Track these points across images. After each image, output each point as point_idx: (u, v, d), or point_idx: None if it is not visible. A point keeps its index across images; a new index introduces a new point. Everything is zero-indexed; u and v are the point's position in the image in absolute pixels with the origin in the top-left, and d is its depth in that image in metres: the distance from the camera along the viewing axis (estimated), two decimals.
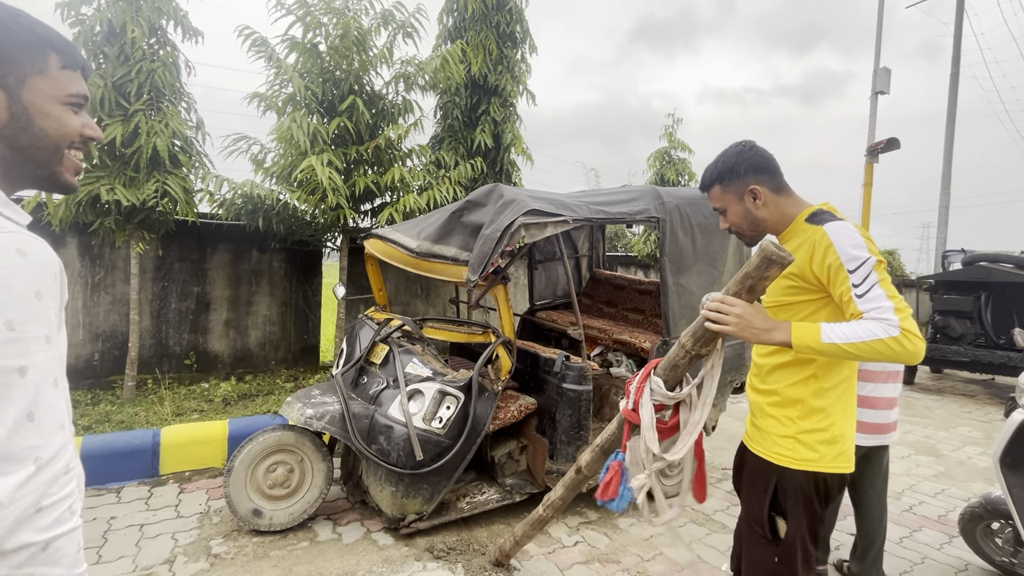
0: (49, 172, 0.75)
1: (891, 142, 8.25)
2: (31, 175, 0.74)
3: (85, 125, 0.78)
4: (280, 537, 2.70)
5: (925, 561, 2.81)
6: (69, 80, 0.75)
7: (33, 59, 0.70)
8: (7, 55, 0.68)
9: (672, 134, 9.43)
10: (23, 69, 0.69)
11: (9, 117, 0.69)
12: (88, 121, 0.79)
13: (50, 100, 0.72)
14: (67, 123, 0.74)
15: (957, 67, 11.13)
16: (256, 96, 4.71)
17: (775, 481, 1.46)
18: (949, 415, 6.11)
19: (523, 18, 6.28)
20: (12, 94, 0.69)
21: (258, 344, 5.59)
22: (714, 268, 3.43)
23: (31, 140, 0.71)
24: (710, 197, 1.55)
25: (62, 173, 0.76)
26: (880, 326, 1.21)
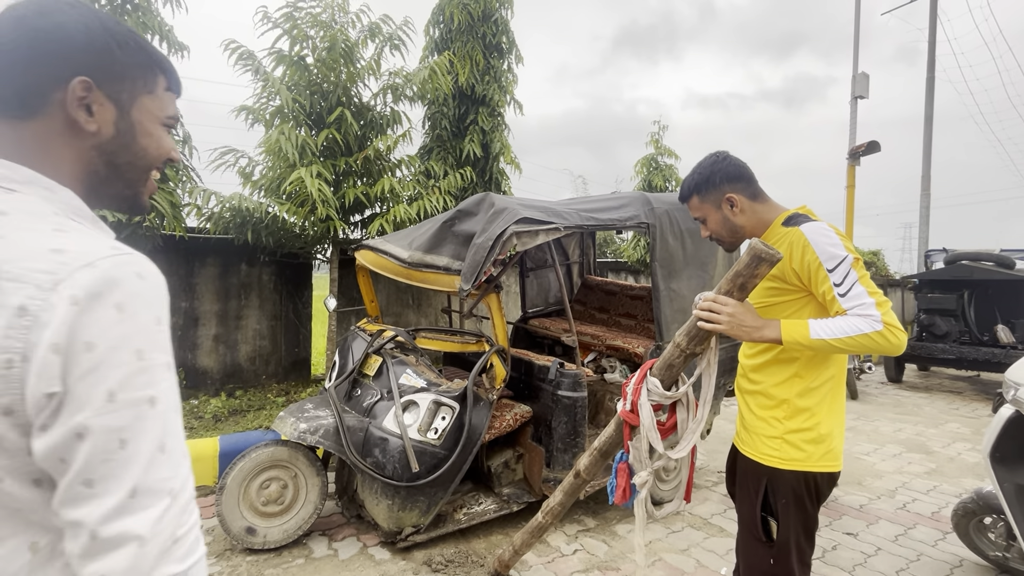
0: (134, 192, 0.74)
1: (872, 145, 8.41)
2: (117, 193, 0.73)
3: (172, 147, 0.78)
4: (275, 555, 2.66)
5: (920, 558, 2.83)
6: (170, 102, 0.76)
7: (146, 78, 0.71)
8: (125, 72, 0.68)
9: (658, 140, 9.55)
10: (136, 87, 0.70)
11: (115, 133, 0.68)
12: (174, 144, 0.80)
13: (153, 120, 0.73)
14: (164, 144, 0.75)
15: (932, 71, 11.41)
16: (244, 109, 4.69)
17: (765, 482, 1.48)
18: (938, 412, 6.19)
19: (509, 29, 6.35)
20: (123, 110, 0.68)
21: (248, 359, 5.52)
22: (704, 272, 3.47)
23: (130, 158, 0.71)
24: (690, 207, 1.61)
25: (143, 194, 0.76)
26: (864, 321, 1.26)
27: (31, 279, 0.53)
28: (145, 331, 0.58)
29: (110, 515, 0.53)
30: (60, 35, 0.61)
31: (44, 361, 0.52)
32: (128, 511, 0.54)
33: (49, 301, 0.52)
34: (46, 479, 0.56)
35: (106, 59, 0.65)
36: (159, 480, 0.57)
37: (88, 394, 0.53)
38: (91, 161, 0.67)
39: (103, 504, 0.53)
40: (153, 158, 0.74)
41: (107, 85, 0.66)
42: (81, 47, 0.63)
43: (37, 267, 0.53)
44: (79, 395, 0.53)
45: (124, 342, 0.55)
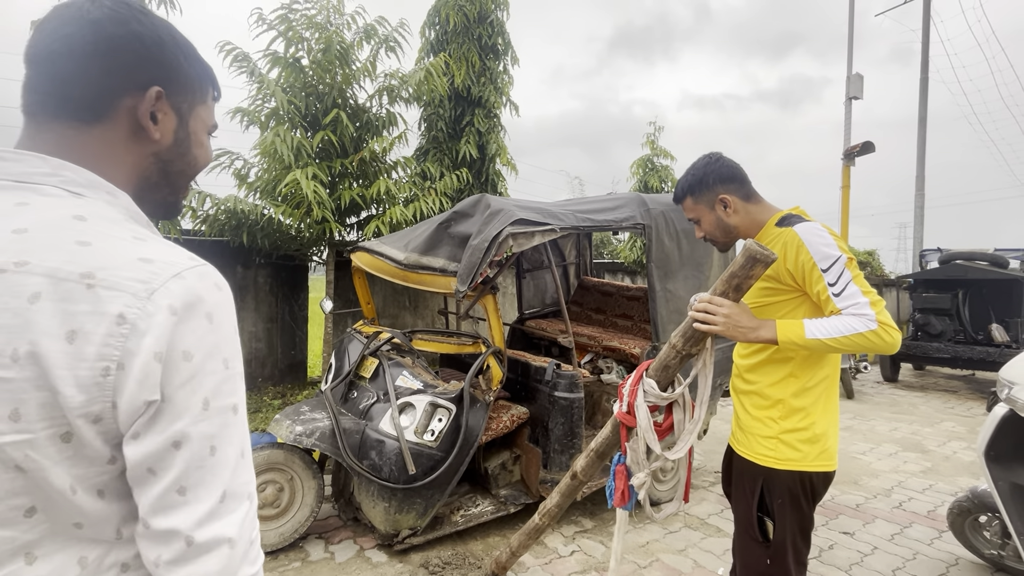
0: (176, 198, 0.75)
1: (866, 145, 8.46)
2: (162, 199, 0.73)
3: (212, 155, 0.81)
4: (271, 558, 2.64)
5: (917, 557, 2.84)
6: (213, 112, 0.77)
7: (202, 89, 0.72)
8: (189, 83, 0.69)
9: (654, 142, 9.57)
10: (195, 98, 0.71)
11: (174, 141, 0.69)
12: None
13: (204, 129, 0.74)
14: (209, 153, 0.77)
15: (926, 72, 11.48)
16: (239, 111, 4.68)
17: (761, 482, 1.48)
18: (933, 411, 6.21)
19: (505, 30, 6.35)
20: (183, 120, 0.69)
21: (244, 361, 5.48)
22: (700, 273, 3.47)
23: (183, 166, 0.72)
24: (684, 209, 1.63)
25: (182, 200, 0.77)
26: (859, 320, 1.28)
27: (126, 287, 0.52)
28: (229, 340, 0.60)
29: (204, 520, 0.55)
30: (136, 45, 0.62)
31: (146, 369, 0.52)
32: (219, 515, 0.56)
33: (147, 310, 0.52)
34: (110, 490, 0.56)
35: (174, 70, 0.66)
36: (242, 484, 0.59)
37: (187, 402, 0.54)
38: (147, 167, 0.68)
39: (197, 510, 0.55)
40: (201, 166, 0.75)
41: (173, 95, 0.67)
42: (155, 57, 0.64)
43: (131, 276, 0.53)
44: (178, 403, 0.54)
45: (216, 351, 0.57)
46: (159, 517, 0.54)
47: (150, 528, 0.54)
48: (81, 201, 0.57)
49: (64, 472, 0.52)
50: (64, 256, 0.52)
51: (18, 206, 0.54)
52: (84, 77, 0.60)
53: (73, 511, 0.54)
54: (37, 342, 0.49)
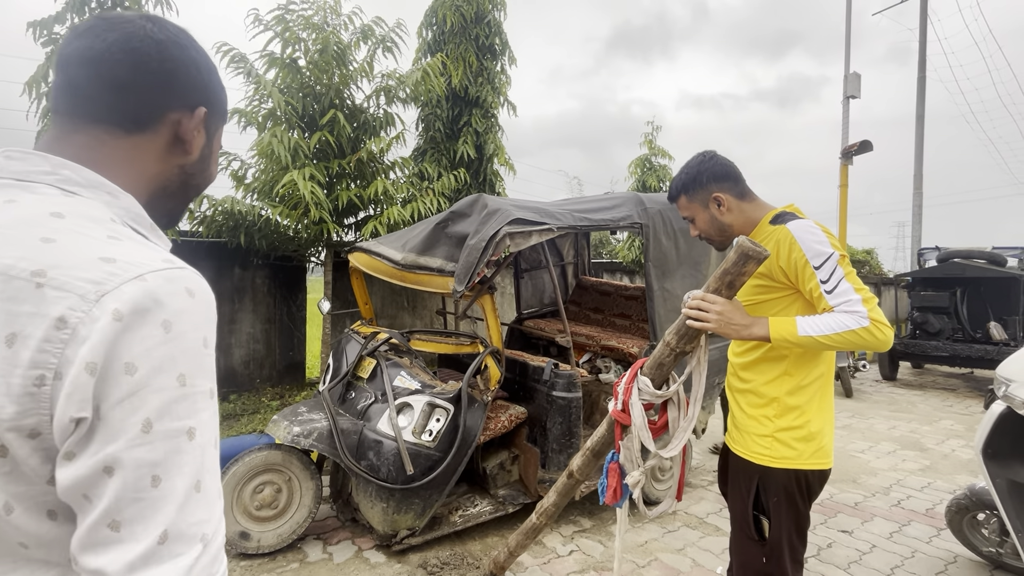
0: (184, 207, 0.79)
1: (864, 144, 8.47)
2: (171, 208, 0.75)
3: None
4: (269, 560, 2.64)
5: (915, 555, 2.84)
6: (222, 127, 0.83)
7: (223, 113, 0.77)
8: (221, 107, 0.75)
9: (652, 141, 9.58)
10: (220, 121, 0.76)
11: (199, 157, 0.73)
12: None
13: (218, 148, 0.79)
14: (217, 169, 0.81)
15: (923, 71, 11.50)
16: (236, 112, 4.68)
17: (757, 481, 1.48)
18: (932, 409, 6.22)
19: (502, 30, 6.35)
20: (209, 139, 0.74)
21: (242, 362, 5.49)
22: (698, 272, 3.47)
23: (200, 180, 0.76)
24: (678, 207, 1.63)
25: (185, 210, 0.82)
26: (851, 318, 1.28)
27: (75, 288, 0.48)
28: (191, 354, 0.53)
29: (136, 564, 0.47)
30: (192, 69, 0.67)
31: (76, 381, 0.46)
32: (156, 560, 0.48)
33: (91, 314, 0.47)
34: (62, 512, 0.51)
35: (215, 95, 0.72)
36: (192, 524, 0.51)
37: (123, 423, 0.47)
38: (171, 178, 0.70)
39: (130, 551, 0.47)
40: (211, 181, 0.79)
41: (209, 117, 0.72)
42: (205, 82, 0.70)
43: (84, 276, 0.48)
44: (112, 423, 0.47)
45: (169, 365, 0.50)
46: (87, 554, 0.47)
47: (78, 565, 0.48)
48: (70, 199, 0.55)
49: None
50: (21, 253, 0.48)
51: (5, 203, 0.52)
52: (141, 89, 0.63)
53: (11, 531, 0.50)
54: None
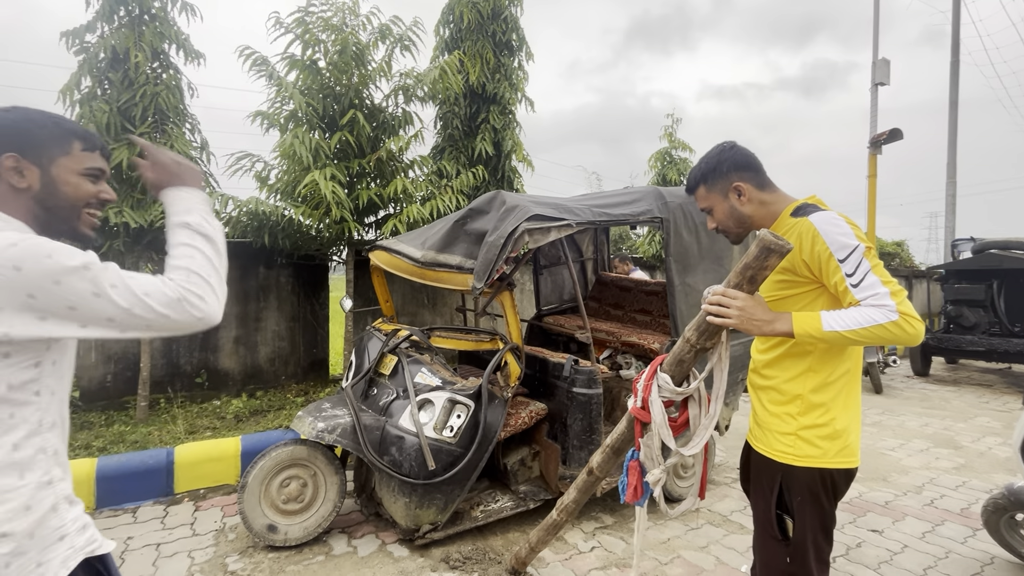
0: (69, 226, 1.03)
1: (894, 133, 8.20)
2: (56, 228, 1.01)
3: (101, 191, 1.06)
4: (295, 552, 2.70)
5: (949, 555, 2.76)
6: (88, 158, 1.04)
7: (60, 145, 1.00)
8: (41, 143, 0.99)
9: (672, 134, 9.44)
10: (52, 153, 1.00)
11: (41, 186, 0.99)
12: (104, 188, 1.07)
13: (71, 173, 1.01)
14: (84, 189, 1.03)
15: (957, 55, 11.07)
16: (259, 114, 4.76)
17: (780, 479, 1.45)
18: (967, 406, 6.02)
19: (519, 26, 6.33)
20: (44, 170, 0.99)
21: (268, 360, 5.62)
22: (720, 266, 3.42)
23: (56, 202, 1.00)
24: (696, 198, 1.59)
25: (79, 227, 1.05)
26: (879, 312, 1.23)
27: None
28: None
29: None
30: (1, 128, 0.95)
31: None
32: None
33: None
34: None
35: (24, 137, 0.97)
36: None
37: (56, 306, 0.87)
38: (31, 207, 0.99)
39: None
40: (75, 199, 1.02)
41: (30, 155, 0.97)
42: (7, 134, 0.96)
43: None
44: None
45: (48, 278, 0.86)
46: None
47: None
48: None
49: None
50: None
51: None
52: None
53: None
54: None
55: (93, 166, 1.04)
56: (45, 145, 1.00)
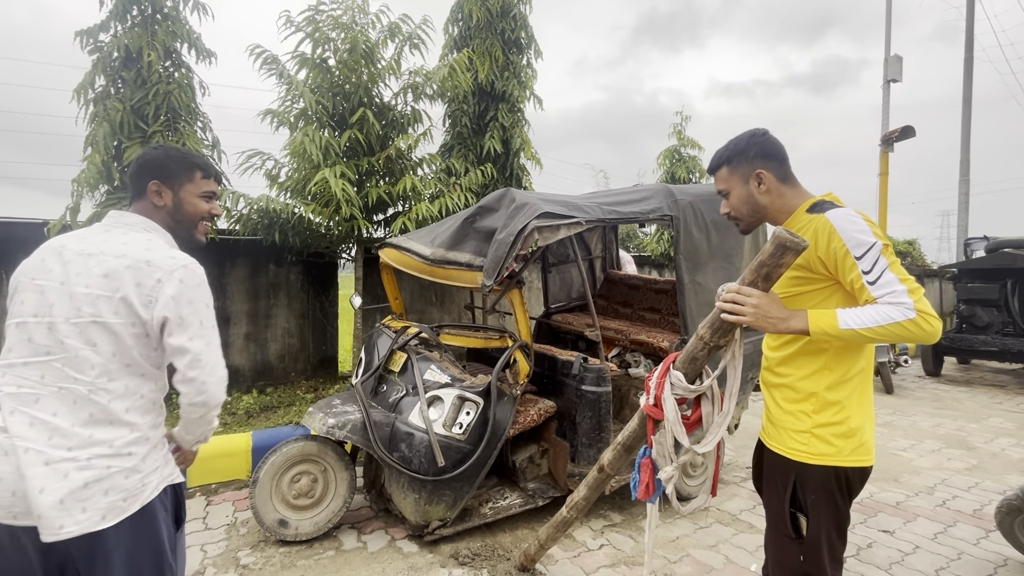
0: (189, 234, 1.48)
1: (906, 130, 8.10)
2: (181, 236, 1.46)
3: (211, 208, 1.49)
4: (306, 547, 2.73)
5: (962, 557, 2.73)
6: (205, 184, 1.47)
7: (187, 174, 1.44)
8: (174, 174, 1.42)
9: (681, 132, 9.38)
10: (181, 180, 1.43)
11: (173, 204, 1.42)
12: (214, 205, 1.50)
13: (193, 195, 1.45)
14: (200, 207, 1.47)
15: (971, 51, 10.92)
16: (269, 113, 4.79)
17: (793, 477, 1.44)
18: (979, 407, 5.95)
19: (528, 24, 6.31)
20: (175, 192, 1.42)
21: (278, 356, 5.66)
22: (730, 264, 3.40)
23: (181, 216, 1.44)
24: (716, 179, 1.57)
25: (196, 235, 1.50)
26: (896, 309, 1.21)
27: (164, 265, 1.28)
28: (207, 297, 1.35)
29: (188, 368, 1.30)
30: (143, 161, 1.41)
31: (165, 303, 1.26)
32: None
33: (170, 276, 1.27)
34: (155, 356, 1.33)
35: (164, 170, 1.41)
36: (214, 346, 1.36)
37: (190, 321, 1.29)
38: (166, 219, 1.42)
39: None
40: (195, 215, 1.46)
41: (167, 182, 1.41)
42: (153, 166, 1.40)
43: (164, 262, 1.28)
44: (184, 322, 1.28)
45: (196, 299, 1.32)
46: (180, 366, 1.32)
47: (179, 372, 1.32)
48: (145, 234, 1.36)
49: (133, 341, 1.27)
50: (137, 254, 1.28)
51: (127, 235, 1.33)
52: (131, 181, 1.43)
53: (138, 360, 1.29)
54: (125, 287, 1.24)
55: (208, 190, 1.47)
56: (177, 175, 1.41)
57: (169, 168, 1.40)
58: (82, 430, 1.19)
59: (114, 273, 1.22)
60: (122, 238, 1.29)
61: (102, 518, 1.17)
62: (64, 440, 1.17)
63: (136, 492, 1.23)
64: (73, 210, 4.03)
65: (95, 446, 1.19)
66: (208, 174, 1.46)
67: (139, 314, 1.23)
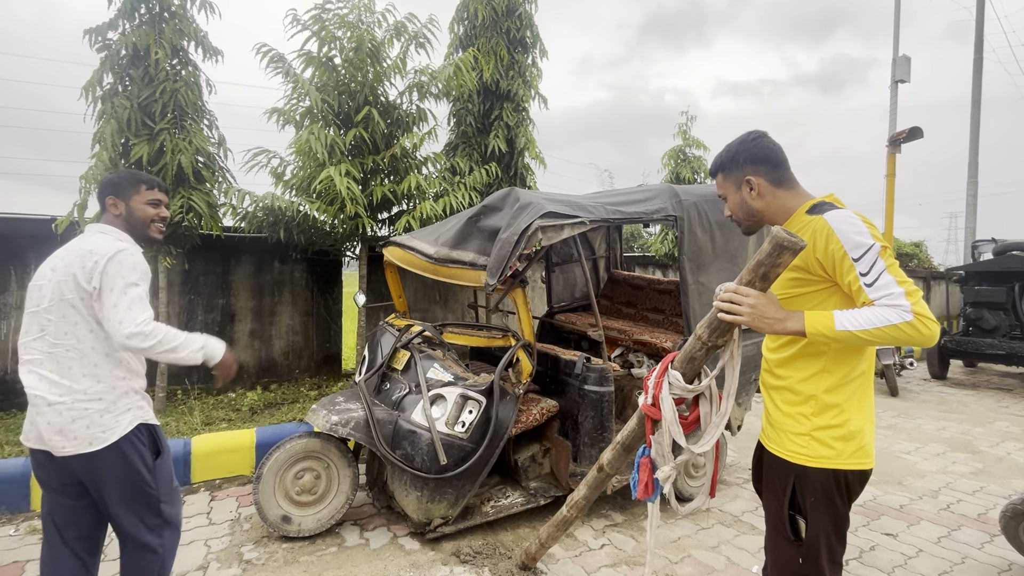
0: (144, 233, 1.89)
1: (913, 131, 8.05)
2: (137, 234, 1.87)
3: (159, 213, 1.91)
4: (309, 543, 2.74)
5: (965, 561, 2.72)
6: (150, 194, 1.88)
7: (134, 188, 1.86)
8: (124, 188, 1.85)
9: (686, 132, 9.35)
10: (129, 192, 1.86)
11: (126, 212, 1.85)
12: (162, 210, 1.92)
13: (141, 203, 1.87)
14: (148, 212, 1.88)
15: (980, 52, 10.83)
16: (275, 111, 4.81)
17: (793, 480, 1.44)
18: (985, 410, 5.91)
19: (533, 23, 6.31)
20: (127, 202, 1.85)
21: (282, 353, 5.69)
22: (734, 265, 3.39)
23: (134, 221, 1.86)
24: (716, 183, 1.60)
25: (149, 233, 1.90)
26: (893, 312, 1.21)
27: (102, 252, 1.69)
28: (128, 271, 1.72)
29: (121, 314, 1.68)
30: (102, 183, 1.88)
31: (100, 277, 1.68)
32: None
33: (107, 258, 1.69)
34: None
35: (115, 187, 1.85)
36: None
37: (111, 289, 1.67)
38: (123, 224, 1.85)
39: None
40: (144, 218, 1.87)
41: (118, 196, 1.84)
42: (107, 185, 1.86)
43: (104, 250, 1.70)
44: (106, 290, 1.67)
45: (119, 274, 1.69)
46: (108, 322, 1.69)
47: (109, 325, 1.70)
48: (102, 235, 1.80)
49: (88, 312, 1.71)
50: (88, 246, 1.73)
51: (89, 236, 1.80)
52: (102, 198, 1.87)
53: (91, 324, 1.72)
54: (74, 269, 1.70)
55: (153, 198, 1.89)
56: (126, 189, 1.85)
57: (120, 185, 1.85)
58: (67, 382, 1.67)
59: (72, 262, 1.69)
60: (87, 239, 1.76)
61: (88, 444, 1.66)
62: (57, 389, 1.66)
63: (111, 427, 1.69)
64: (80, 206, 4.06)
65: (75, 393, 1.66)
66: (151, 186, 1.89)
67: (83, 287, 1.66)
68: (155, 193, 1.88)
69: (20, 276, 4.56)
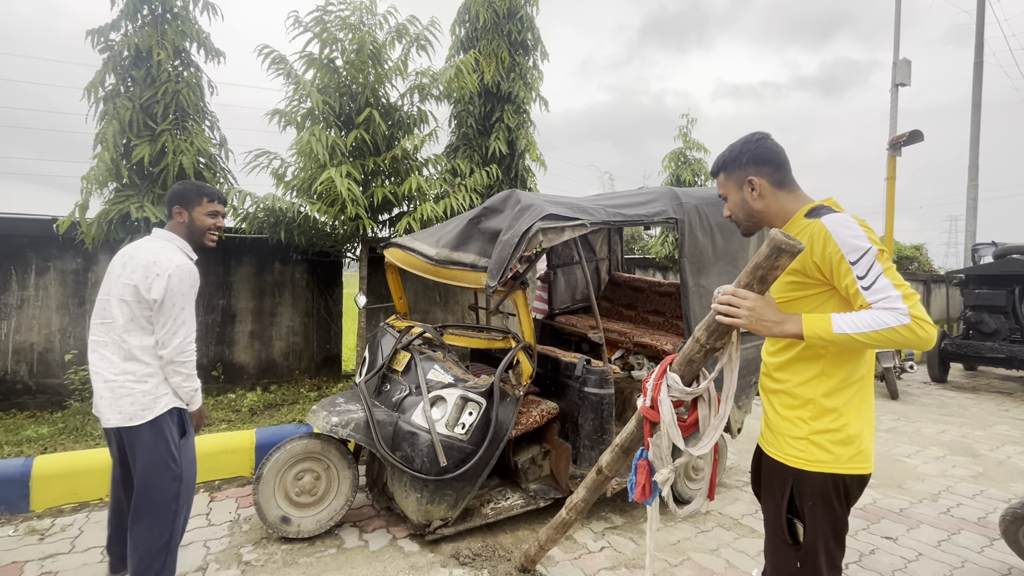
0: (199, 242, 2.21)
1: (914, 135, 8.06)
2: (195, 243, 2.20)
3: (216, 223, 2.22)
4: (308, 544, 2.74)
5: (965, 565, 2.72)
6: (211, 205, 2.20)
7: (199, 199, 2.18)
8: (188, 200, 2.18)
9: (687, 134, 9.36)
10: (194, 203, 2.17)
11: (189, 221, 2.17)
12: (219, 220, 2.23)
13: (202, 214, 2.19)
14: (207, 222, 2.20)
15: (980, 55, 10.85)
16: (276, 112, 4.82)
17: (791, 484, 1.44)
18: (985, 414, 5.91)
19: (534, 25, 6.32)
20: (191, 213, 2.17)
21: (282, 354, 5.69)
22: (734, 268, 3.39)
23: (195, 229, 2.19)
24: (717, 183, 1.60)
25: (204, 242, 2.22)
26: (891, 315, 1.21)
27: (165, 266, 2.02)
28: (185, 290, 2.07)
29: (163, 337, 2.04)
30: (170, 193, 2.20)
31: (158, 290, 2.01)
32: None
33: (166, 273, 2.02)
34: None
35: (182, 197, 2.17)
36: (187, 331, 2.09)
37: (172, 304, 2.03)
38: (184, 231, 2.18)
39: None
40: (204, 228, 2.20)
41: (184, 206, 2.17)
42: (175, 195, 2.18)
43: (165, 262, 2.03)
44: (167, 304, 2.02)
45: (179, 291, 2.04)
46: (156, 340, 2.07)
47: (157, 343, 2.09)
48: (164, 243, 2.14)
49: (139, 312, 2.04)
50: (151, 258, 2.05)
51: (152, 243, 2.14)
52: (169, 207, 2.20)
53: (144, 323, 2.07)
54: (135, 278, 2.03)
55: (214, 210, 2.20)
56: (191, 200, 2.15)
57: (186, 196, 2.15)
58: (120, 363, 2.01)
59: (136, 269, 2.01)
60: (152, 246, 2.07)
61: (130, 419, 1.99)
62: (112, 367, 2.01)
63: (150, 406, 2.01)
64: (82, 207, 4.07)
65: (125, 374, 2.01)
66: (212, 198, 2.19)
67: (143, 296, 1.98)
68: (215, 205, 2.20)
69: (20, 276, 4.56)
